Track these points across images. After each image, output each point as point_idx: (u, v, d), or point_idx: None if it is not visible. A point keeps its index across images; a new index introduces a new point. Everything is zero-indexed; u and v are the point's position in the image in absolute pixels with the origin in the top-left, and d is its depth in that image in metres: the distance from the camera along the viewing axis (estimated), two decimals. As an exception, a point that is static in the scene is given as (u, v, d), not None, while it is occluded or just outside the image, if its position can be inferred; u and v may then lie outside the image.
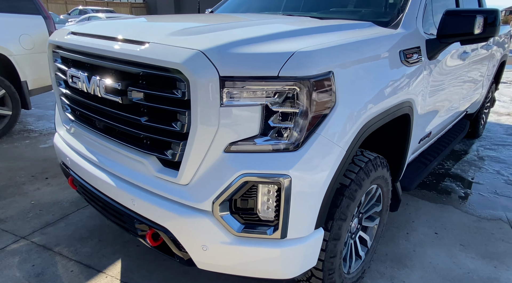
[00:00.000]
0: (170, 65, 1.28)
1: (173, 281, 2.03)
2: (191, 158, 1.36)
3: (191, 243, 1.44)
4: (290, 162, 1.30)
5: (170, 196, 1.45)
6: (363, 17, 2.18)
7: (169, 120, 1.39)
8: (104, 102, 1.60)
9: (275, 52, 1.28)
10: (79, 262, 2.14)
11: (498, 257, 2.41)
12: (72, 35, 1.78)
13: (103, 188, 1.70)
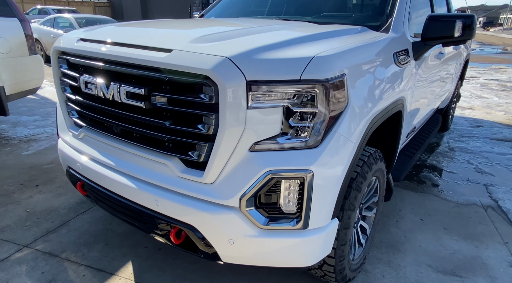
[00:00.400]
0: (199, 71, 1.36)
1: (186, 278, 2.09)
2: (217, 158, 1.45)
3: (218, 238, 1.53)
4: (312, 158, 1.42)
5: (196, 195, 1.53)
6: (354, 22, 2.34)
7: (193, 123, 1.47)
8: (123, 107, 1.64)
9: (295, 57, 1.40)
10: (90, 267, 2.16)
11: (478, 237, 2.66)
12: (83, 42, 1.80)
13: (121, 191, 1.74)
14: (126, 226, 2.57)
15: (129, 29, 2.04)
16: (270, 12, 2.82)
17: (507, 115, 6.31)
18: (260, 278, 2.12)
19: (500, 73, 11.37)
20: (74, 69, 1.88)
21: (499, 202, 3.21)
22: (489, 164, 4.10)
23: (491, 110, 6.63)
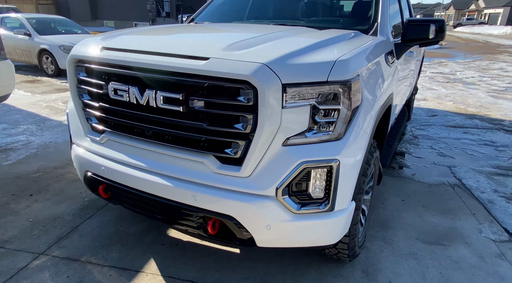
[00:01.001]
0: (240, 77, 1.53)
1: (209, 269, 2.24)
2: (254, 153, 1.63)
3: (256, 225, 1.71)
4: (338, 149, 1.65)
5: (234, 188, 1.70)
6: (344, 26, 2.61)
7: (230, 123, 1.64)
8: (158, 112, 1.76)
9: (321, 61, 1.61)
10: (113, 267, 2.23)
11: (451, 212, 3.06)
12: (109, 51, 1.88)
13: (155, 190, 1.86)
14: (137, 227, 2.65)
15: (151, 37, 2.14)
16: (262, 17, 3.01)
17: (456, 104, 7.02)
18: (275, 262, 2.32)
19: (443, 67, 12.45)
20: (96, 76, 1.95)
21: (463, 180, 3.68)
22: (448, 148, 4.61)
23: (441, 101, 7.33)
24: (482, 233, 2.77)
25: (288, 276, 2.21)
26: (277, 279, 2.18)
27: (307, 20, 2.80)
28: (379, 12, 2.60)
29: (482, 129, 5.49)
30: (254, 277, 2.19)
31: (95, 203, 2.97)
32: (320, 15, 2.90)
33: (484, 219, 2.97)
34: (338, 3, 3.00)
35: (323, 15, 2.91)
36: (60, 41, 8.85)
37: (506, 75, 10.93)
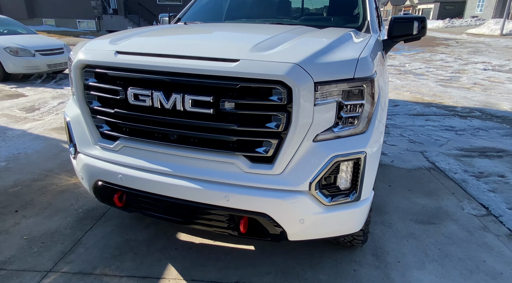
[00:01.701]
0: (274, 77, 1.58)
1: (230, 267, 2.27)
2: (287, 151, 1.69)
3: (289, 220, 1.77)
4: (364, 141, 1.76)
5: (267, 186, 1.74)
6: (337, 24, 2.73)
7: (261, 123, 1.68)
8: (185, 115, 1.75)
9: (346, 59, 1.71)
10: (132, 276, 2.18)
11: (433, 193, 3.34)
12: (126, 55, 1.82)
13: (182, 194, 1.84)
14: (144, 234, 2.59)
15: (166, 40, 2.11)
16: (252, 16, 3.04)
17: (412, 94, 7.55)
18: (291, 254, 2.40)
19: (392, 60, 13.25)
20: (110, 82, 1.88)
21: (436, 163, 4.01)
22: (416, 135, 4.98)
23: (399, 91, 7.84)
24: (464, 209, 3.06)
25: (306, 266, 2.30)
26: (296, 270, 2.27)
27: (300, 19, 2.90)
28: (367, 10, 2.76)
29: (440, 116, 5.97)
30: (276, 271, 2.25)
31: (91, 214, 2.84)
32: (310, 14, 3.00)
33: (462, 197, 3.28)
34: (326, 2, 3.12)
35: (314, 14, 3.02)
36: (5, 42, 8.15)
37: (448, 66, 11.91)
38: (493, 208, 3.09)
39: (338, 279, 2.20)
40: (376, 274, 2.25)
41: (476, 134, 5.12)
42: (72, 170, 3.61)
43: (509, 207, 3.12)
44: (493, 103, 6.93)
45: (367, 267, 2.31)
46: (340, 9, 3.01)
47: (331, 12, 3.02)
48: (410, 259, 2.40)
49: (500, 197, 3.29)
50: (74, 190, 3.22)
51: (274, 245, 2.48)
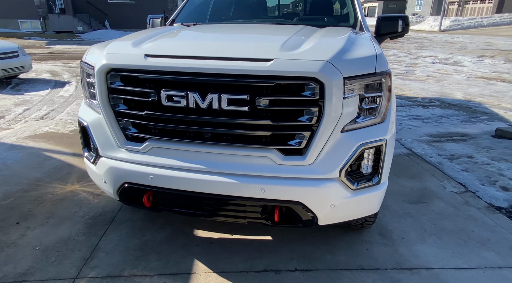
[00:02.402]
0: (308, 74, 1.72)
1: (254, 257, 2.38)
2: (318, 142, 1.84)
3: (322, 206, 1.93)
4: (384, 130, 1.95)
5: (300, 176, 1.88)
6: (332, 23, 2.92)
7: (293, 117, 1.82)
8: (221, 114, 1.84)
9: (367, 56, 1.89)
10: (163, 274, 2.22)
11: (417, 175, 3.67)
12: (157, 58, 1.86)
13: (217, 189, 1.93)
14: (161, 234, 2.62)
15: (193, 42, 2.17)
16: (249, 17, 3.15)
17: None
18: (306, 240, 2.56)
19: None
20: (141, 84, 1.91)
21: (413, 149, 4.38)
22: (388, 125, 5.35)
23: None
24: (446, 188, 3.41)
25: (323, 250, 2.48)
26: (316, 254, 2.43)
27: (296, 18, 3.06)
28: (357, 9, 2.98)
29: (406, 106, 6.45)
30: (298, 257, 2.40)
31: (100, 220, 2.81)
32: (304, 14, 3.17)
33: (442, 177, 3.64)
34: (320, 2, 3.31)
35: (307, 14, 3.19)
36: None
37: (401, 60, 12.74)
38: (469, 185, 3.47)
39: (355, 258, 2.40)
40: (387, 251, 2.48)
41: (440, 121, 5.62)
42: (66, 178, 3.51)
43: (481, 183, 3.52)
44: (448, 93, 7.58)
45: (377, 246, 2.54)
46: (330, 9, 3.21)
47: (323, 12, 3.21)
48: (412, 235, 2.67)
49: (472, 175, 3.69)
50: (73, 198, 3.14)
51: (290, 233, 2.63)
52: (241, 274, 2.24)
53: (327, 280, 2.19)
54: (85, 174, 3.56)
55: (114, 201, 3.08)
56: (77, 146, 4.36)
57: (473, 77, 9.46)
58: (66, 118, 5.69)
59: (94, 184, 3.37)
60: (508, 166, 3.89)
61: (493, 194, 3.30)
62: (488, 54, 14.07)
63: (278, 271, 2.27)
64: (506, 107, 6.52)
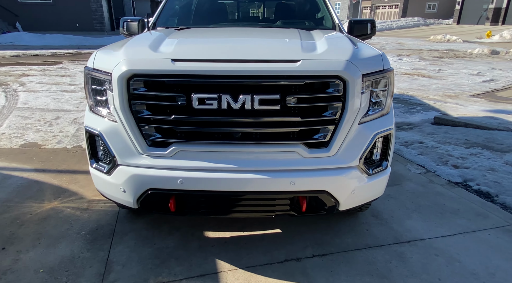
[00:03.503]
0: (334, 72, 1.90)
1: (272, 250, 2.49)
2: (341, 134, 2.03)
3: (344, 192, 2.12)
4: (390, 120, 2.21)
5: (325, 166, 2.06)
6: (314, 26, 3.14)
7: (320, 113, 1.98)
8: (253, 114, 1.92)
9: (375, 55, 2.12)
10: (190, 277, 2.22)
11: (384, 162, 4.08)
12: (186, 62, 1.88)
13: (249, 186, 2.01)
14: (171, 240, 2.59)
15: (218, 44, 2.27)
16: (234, 20, 3.23)
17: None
18: (313, 228, 2.75)
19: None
20: (169, 89, 1.91)
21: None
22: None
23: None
24: (411, 171, 3.86)
25: (331, 235, 2.68)
26: (326, 239, 2.63)
27: (280, 22, 3.22)
28: (333, 13, 3.25)
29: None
30: (311, 244, 2.57)
31: (99, 234, 2.67)
32: (286, 17, 3.35)
33: (405, 161, 4.10)
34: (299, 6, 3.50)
35: (289, 17, 3.37)
36: None
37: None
38: (428, 167, 3.98)
39: (360, 238, 2.64)
40: (384, 229, 2.77)
41: (386, 113, 6.23)
42: (38, 195, 3.24)
43: (437, 164, 4.05)
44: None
45: (374, 226, 2.82)
46: (309, 12, 3.44)
47: (302, 15, 3.43)
48: (399, 213, 3.01)
49: (427, 158, 4.22)
50: (58, 216, 2.93)
51: (296, 224, 2.79)
52: (265, 266, 2.34)
53: (344, 261, 2.40)
54: (60, 190, 3.33)
55: (107, 213, 2.95)
56: (36, 161, 4.02)
57: (399, 73, 10.56)
58: (9, 132, 5.15)
59: (76, 199, 3.18)
60: (453, 148, 4.52)
61: (449, 172, 3.83)
62: (404, 53, 15.77)
63: (299, 259, 2.41)
64: (433, 98, 7.46)
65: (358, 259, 2.42)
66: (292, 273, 2.28)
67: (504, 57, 14.52)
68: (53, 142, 4.70)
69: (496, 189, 3.45)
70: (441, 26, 34.34)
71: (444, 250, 2.53)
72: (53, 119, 5.75)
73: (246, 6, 3.42)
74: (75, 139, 4.82)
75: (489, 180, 3.65)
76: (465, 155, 4.28)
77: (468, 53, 15.63)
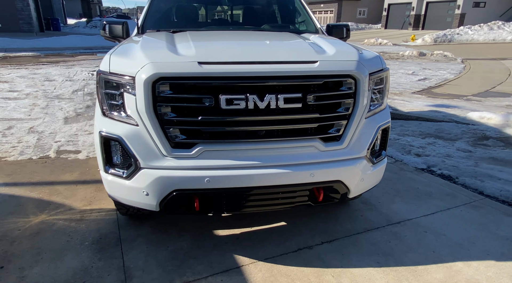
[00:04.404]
0: (347, 72, 2.10)
1: (284, 241, 2.63)
2: (352, 128, 2.24)
3: (355, 180, 2.33)
4: (388, 114, 2.48)
5: (339, 158, 2.25)
6: (301, 30, 3.34)
7: (334, 109, 2.17)
8: (277, 112, 2.05)
9: (375, 56, 2.36)
10: (215, 274, 2.28)
11: (357, 155, 4.43)
12: (211, 65, 1.94)
13: (273, 181, 2.13)
14: (184, 242, 2.61)
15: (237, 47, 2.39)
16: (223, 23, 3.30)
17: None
18: (314, 218, 2.94)
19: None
20: (197, 91, 1.96)
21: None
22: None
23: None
24: (382, 161, 4.24)
25: (332, 223, 2.89)
26: (329, 227, 2.83)
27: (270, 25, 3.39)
28: (312, 17, 3.49)
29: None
30: (318, 233, 2.75)
31: (104, 243, 2.59)
32: (271, 21, 3.50)
33: (374, 153, 4.48)
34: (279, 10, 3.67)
35: (274, 21, 3.53)
36: None
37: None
38: (395, 156, 4.40)
39: (358, 224, 2.89)
40: (375, 213, 3.05)
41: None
42: (21, 210, 3.04)
43: (402, 154, 4.50)
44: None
45: (366, 211, 3.09)
46: (291, 16, 3.63)
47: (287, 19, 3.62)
48: (383, 199, 3.32)
49: (393, 149, 4.66)
50: (52, 229, 2.77)
51: (298, 216, 2.96)
52: (282, 256, 2.47)
53: (350, 245, 2.62)
54: (44, 203, 3.14)
55: (106, 222, 2.86)
56: (2, 175, 3.71)
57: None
58: (-43, 145, 4.65)
59: (65, 210, 3.04)
60: (412, 139, 5.03)
61: (414, 160, 4.28)
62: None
63: (311, 247, 2.58)
64: (382, 95, 8.12)
65: (361, 241, 2.66)
66: (309, 259, 2.45)
67: (430, 58, 16.20)
68: (14, 154, 4.35)
69: (455, 172, 3.94)
70: (372, 30, 37.15)
71: (429, 227, 2.87)
72: (5, 129, 5.29)
73: (231, 10, 3.51)
74: (39, 149, 4.51)
75: (448, 164, 4.16)
76: (424, 145, 4.80)
77: (400, 55, 17.14)
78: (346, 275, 2.30)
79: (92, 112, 6.31)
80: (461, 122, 5.81)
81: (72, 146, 4.65)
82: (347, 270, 2.35)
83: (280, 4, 3.76)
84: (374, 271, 2.34)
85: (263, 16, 3.60)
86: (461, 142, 4.92)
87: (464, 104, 7.30)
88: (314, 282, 2.24)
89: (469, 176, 3.85)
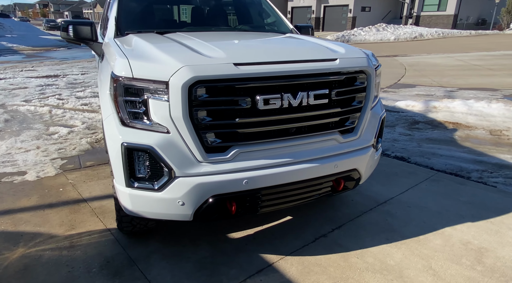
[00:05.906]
0: (361, 68, 2.28)
1: (300, 235, 2.72)
2: (363, 119, 2.44)
3: (366, 167, 2.53)
4: (382, 106, 2.73)
5: (355, 148, 2.42)
6: (279, 30, 3.44)
7: (350, 102, 2.34)
8: (307, 109, 2.12)
9: (370, 53, 2.59)
10: (251, 275, 2.26)
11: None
12: (247, 66, 1.91)
13: (303, 176, 2.21)
14: (205, 251, 2.52)
15: (273, 48, 2.45)
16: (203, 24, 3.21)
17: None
18: (319, 208, 3.09)
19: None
20: (234, 93, 1.92)
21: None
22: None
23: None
24: (344, 150, 4.60)
25: (332, 211, 3.08)
26: (332, 215, 3.01)
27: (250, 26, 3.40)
28: (283, 18, 3.62)
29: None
30: (325, 221, 2.91)
31: (116, 265, 2.36)
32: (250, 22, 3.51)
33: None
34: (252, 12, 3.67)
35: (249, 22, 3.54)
36: None
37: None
38: (352, 145, 4.80)
39: (352, 208, 3.13)
40: (363, 197, 3.33)
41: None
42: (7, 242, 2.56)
43: (356, 142, 4.92)
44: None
45: (354, 196, 3.36)
46: (263, 17, 3.69)
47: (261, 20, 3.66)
48: (365, 183, 3.51)
49: (347, 138, 5.07)
50: (40, 262, 2.41)
51: (301, 210, 3.07)
52: (304, 248, 2.57)
53: (355, 228, 2.83)
54: (12, 235, 2.72)
55: (104, 244, 2.60)
56: None
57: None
58: None
59: (46, 239, 2.68)
60: (359, 128, 5.53)
61: (369, 147, 4.73)
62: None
63: (325, 235, 2.72)
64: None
65: (364, 223, 2.90)
66: (329, 246, 2.58)
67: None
68: None
69: (406, 154, 4.49)
70: (276, 29, 38.99)
71: (410, 202, 3.25)
72: None
73: (208, 10, 3.43)
74: (-29, 174, 3.80)
75: (398, 148, 4.71)
76: (371, 132, 5.32)
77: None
78: (368, 255, 2.50)
79: (15, 127, 5.52)
80: (392, 110, 6.57)
81: (11, 168, 4.01)
82: (366, 250, 2.55)
83: (251, 5, 3.81)
84: (388, 247, 2.59)
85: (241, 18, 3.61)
86: (399, 127, 5.59)
87: (386, 95, 8.25)
88: (344, 266, 2.39)
89: (418, 156, 4.42)
